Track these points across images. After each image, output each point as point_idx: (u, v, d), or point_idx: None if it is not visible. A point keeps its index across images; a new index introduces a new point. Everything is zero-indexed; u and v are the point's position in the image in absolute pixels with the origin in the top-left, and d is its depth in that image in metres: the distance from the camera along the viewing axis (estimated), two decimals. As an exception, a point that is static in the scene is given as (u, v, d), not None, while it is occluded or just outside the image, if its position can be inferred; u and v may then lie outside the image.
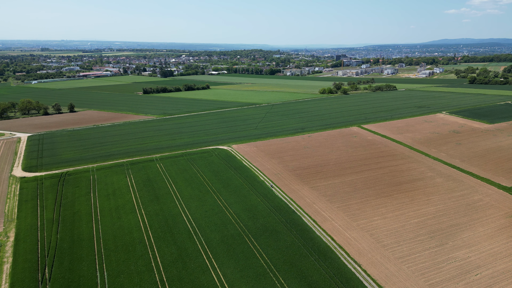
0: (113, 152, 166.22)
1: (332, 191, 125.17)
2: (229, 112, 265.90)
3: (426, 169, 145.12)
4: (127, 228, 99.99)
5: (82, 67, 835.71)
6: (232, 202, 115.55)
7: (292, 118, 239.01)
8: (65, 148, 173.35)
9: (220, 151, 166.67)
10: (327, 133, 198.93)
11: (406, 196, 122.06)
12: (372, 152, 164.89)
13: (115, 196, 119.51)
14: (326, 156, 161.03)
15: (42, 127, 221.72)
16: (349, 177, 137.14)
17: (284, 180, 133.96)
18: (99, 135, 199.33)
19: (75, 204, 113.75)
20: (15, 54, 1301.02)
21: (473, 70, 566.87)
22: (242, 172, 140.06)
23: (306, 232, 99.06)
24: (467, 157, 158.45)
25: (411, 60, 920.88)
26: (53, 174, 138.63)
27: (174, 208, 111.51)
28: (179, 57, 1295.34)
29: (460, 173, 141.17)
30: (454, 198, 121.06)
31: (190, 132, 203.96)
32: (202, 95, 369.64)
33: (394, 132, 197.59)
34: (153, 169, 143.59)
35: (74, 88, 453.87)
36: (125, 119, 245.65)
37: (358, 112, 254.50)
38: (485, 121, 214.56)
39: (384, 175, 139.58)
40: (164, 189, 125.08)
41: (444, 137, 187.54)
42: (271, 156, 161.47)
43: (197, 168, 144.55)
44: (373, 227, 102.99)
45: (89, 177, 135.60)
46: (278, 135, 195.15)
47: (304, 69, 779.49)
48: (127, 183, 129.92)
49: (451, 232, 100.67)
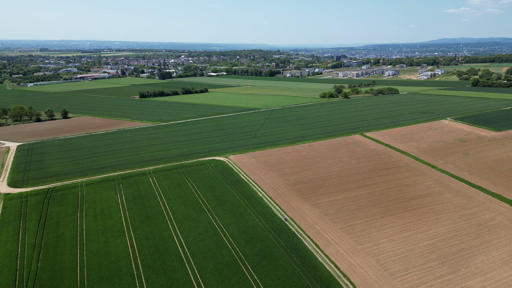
0: (104, 164, 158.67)
1: (335, 209, 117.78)
2: (227, 118, 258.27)
3: (433, 183, 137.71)
4: (114, 255, 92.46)
5: (80, 68, 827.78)
6: (228, 222, 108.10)
7: (292, 125, 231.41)
8: (55, 160, 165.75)
9: (216, 163, 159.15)
10: (328, 142, 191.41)
11: (414, 214, 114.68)
12: (375, 164, 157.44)
13: (103, 216, 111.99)
14: (328, 168, 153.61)
15: (33, 135, 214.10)
16: (352, 193, 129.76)
17: (283, 196, 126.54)
18: (91, 144, 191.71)
19: (59, 226, 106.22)
20: (14, 54, 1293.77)
21: (475, 72, 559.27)
22: (239, 187, 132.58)
23: (307, 258, 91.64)
24: (475, 169, 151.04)
25: (412, 60, 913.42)
26: (39, 190, 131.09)
27: (165, 230, 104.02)
28: (179, 57, 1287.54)
29: (469, 188, 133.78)
30: (464, 216, 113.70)
31: (186, 141, 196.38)
32: (200, 99, 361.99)
33: (398, 140, 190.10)
34: (146, 184, 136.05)
35: (70, 92, 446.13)
36: (120, 126, 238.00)
37: (360, 118, 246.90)
38: (492, 129, 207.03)
39: (389, 190, 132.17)
40: (156, 207, 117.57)
41: (450, 146, 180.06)
42: (270, 168, 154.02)
43: (192, 183, 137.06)
44: (379, 251, 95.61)
45: (77, 194, 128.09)
46: (278, 144, 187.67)
47: (304, 70, 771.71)
48: (117, 201, 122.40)
49: (463, 257, 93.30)
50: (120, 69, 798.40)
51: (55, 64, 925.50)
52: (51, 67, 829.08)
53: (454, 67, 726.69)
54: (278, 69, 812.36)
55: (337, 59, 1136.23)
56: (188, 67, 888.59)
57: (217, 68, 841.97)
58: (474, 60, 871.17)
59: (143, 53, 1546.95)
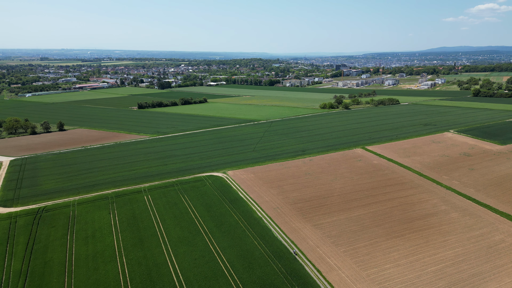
0: (98, 181, 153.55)
1: (338, 230, 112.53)
2: (225, 131, 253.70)
3: (439, 201, 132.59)
4: (104, 283, 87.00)
5: (79, 78, 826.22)
6: (225, 246, 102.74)
7: (292, 137, 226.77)
8: (47, 176, 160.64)
9: (214, 179, 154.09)
10: (329, 156, 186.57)
11: (420, 236, 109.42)
12: (379, 180, 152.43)
13: (95, 239, 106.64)
14: (329, 184, 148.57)
15: (27, 149, 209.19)
16: (355, 212, 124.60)
17: (284, 216, 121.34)
18: (86, 159, 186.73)
19: (48, 251, 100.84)
20: (14, 63, 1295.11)
21: (475, 81, 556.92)
22: (237, 206, 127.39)
23: (309, 286, 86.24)
24: (482, 185, 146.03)
25: (411, 69, 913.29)
26: (29, 210, 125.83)
27: (159, 255, 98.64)
28: (178, 66, 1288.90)
29: (476, 206, 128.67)
30: (473, 238, 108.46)
31: (183, 156, 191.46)
32: (199, 110, 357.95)
33: (401, 154, 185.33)
34: (140, 203, 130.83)
35: (68, 102, 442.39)
36: (116, 139, 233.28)
37: (362, 130, 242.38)
38: (497, 142, 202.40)
39: (393, 209, 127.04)
40: (150, 229, 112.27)
41: (455, 160, 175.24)
42: (269, 185, 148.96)
43: (189, 201, 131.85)
44: (386, 278, 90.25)
45: (68, 214, 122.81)
46: (278, 159, 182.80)
47: (303, 79, 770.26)
48: (109, 222, 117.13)
49: (474, 284, 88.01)
50: (120, 78, 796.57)
51: (54, 74, 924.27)
52: (50, 77, 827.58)
53: (454, 76, 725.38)
54: (278, 79, 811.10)
55: (336, 68, 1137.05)
56: (187, 76, 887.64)
57: (216, 78, 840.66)
58: (474, 69, 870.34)
59: (143, 62, 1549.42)
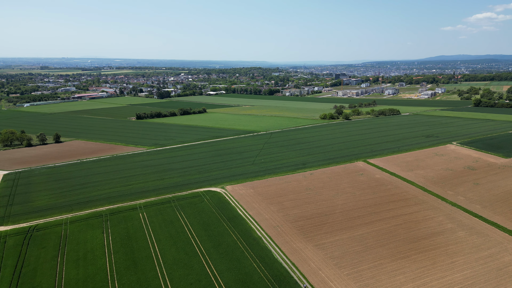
0: (93, 197, 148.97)
1: (340, 251, 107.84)
2: (224, 143, 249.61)
3: (445, 219, 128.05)
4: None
5: (79, 87, 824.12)
6: (223, 269, 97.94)
7: (292, 150, 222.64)
8: (40, 192, 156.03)
9: (212, 195, 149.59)
10: (330, 169, 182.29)
11: (427, 257, 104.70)
12: (382, 196, 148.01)
13: (86, 261, 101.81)
14: (331, 200, 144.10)
15: (21, 163, 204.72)
16: (358, 230, 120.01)
17: (284, 236, 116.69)
18: (81, 173, 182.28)
19: (36, 274, 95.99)
20: (14, 72, 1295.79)
21: (476, 91, 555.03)
22: (236, 225, 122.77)
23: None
24: (488, 201, 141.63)
25: (411, 78, 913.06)
26: (19, 229, 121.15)
27: (153, 279, 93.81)
28: (178, 75, 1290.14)
29: (483, 224, 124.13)
30: (481, 259, 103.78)
31: (181, 169, 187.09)
32: (198, 121, 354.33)
33: (404, 168, 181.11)
34: (135, 221, 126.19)
35: (66, 112, 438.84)
36: (113, 151, 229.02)
37: (363, 142, 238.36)
38: (501, 155, 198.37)
39: (398, 227, 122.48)
40: (145, 250, 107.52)
41: (459, 175, 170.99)
42: (269, 201, 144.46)
43: (185, 219, 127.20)
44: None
45: (60, 233, 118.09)
46: (278, 173, 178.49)
47: (303, 89, 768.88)
48: (102, 242, 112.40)
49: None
50: (119, 88, 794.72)
51: (54, 83, 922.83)
52: (50, 86, 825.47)
53: (454, 86, 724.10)
54: (277, 88, 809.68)
55: (336, 77, 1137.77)
56: (187, 85, 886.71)
57: (216, 87, 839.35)
58: (473, 78, 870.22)
59: (143, 70, 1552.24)
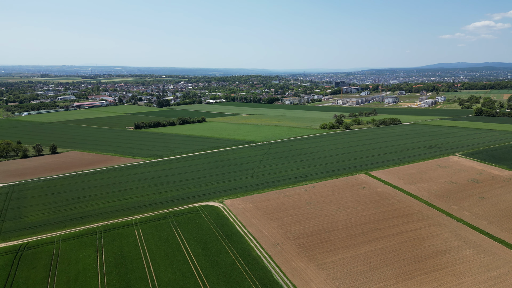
0: (87, 212, 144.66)
1: (343, 272, 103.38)
2: (223, 154, 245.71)
3: (451, 236, 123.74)
4: None
5: (78, 95, 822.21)
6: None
7: (292, 161, 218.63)
8: (33, 207, 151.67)
9: (210, 210, 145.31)
10: (331, 182, 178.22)
11: (433, 278, 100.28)
12: (385, 211, 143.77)
13: (77, 283, 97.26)
14: (333, 216, 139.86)
15: (16, 175, 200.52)
16: (361, 249, 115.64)
17: (285, 255, 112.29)
18: (76, 186, 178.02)
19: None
20: (14, 80, 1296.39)
21: (476, 99, 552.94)
22: (234, 243, 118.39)
23: None
24: (494, 217, 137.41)
25: (411, 86, 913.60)
26: (10, 247, 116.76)
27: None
28: (178, 83, 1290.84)
29: (491, 242, 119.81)
30: (490, 280, 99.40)
31: (178, 182, 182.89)
32: (197, 131, 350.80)
33: (406, 181, 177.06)
34: (130, 239, 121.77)
35: (64, 122, 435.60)
36: (110, 163, 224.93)
37: (364, 154, 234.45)
38: (505, 167, 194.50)
39: (402, 245, 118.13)
40: (139, 271, 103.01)
41: (464, 188, 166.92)
42: (269, 216, 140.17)
43: (182, 237, 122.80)
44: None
45: (51, 252, 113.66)
46: (277, 186, 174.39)
47: (303, 97, 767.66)
48: (95, 262, 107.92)
49: (498, 338, 78.57)
50: (118, 96, 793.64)
51: (53, 91, 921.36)
52: (49, 95, 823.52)
53: (454, 94, 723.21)
54: (277, 96, 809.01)
55: (335, 85, 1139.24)
56: (187, 93, 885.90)
57: (216, 95, 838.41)
58: (473, 86, 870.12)
59: (143, 78, 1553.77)
